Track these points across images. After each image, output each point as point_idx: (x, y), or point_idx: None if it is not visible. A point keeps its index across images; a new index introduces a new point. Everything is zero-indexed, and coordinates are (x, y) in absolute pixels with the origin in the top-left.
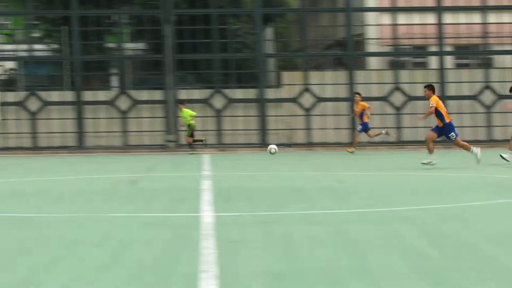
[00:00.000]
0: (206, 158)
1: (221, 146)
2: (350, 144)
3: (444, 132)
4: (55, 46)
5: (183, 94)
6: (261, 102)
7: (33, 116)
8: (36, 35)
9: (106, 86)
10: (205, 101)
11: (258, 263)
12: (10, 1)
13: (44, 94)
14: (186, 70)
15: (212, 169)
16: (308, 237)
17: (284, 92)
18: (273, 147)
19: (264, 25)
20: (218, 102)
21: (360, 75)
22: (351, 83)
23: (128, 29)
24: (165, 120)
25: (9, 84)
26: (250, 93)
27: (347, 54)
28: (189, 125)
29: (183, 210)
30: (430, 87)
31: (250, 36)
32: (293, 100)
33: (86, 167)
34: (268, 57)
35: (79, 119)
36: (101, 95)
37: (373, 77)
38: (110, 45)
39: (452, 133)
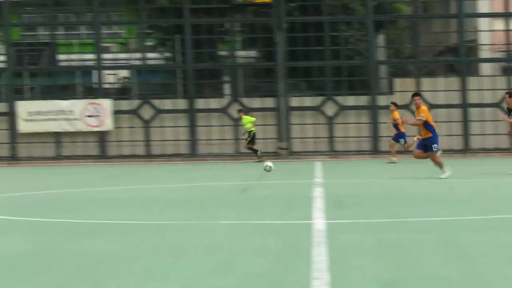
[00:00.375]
0: (317, 165)
1: (332, 153)
2: (462, 151)
3: (428, 142)
4: (168, 54)
5: (295, 102)
6: (373, 109)
7: (146, 124)
8: (149, 43)
9: (218, 94)
10: (316, 108)
11: (370, 270)
12: (124, 11)
13: (157, 102)
14: (298, 78)
15: (324, 176)
16: (419, 244)
17: (396, 99)
18: (269, 164)
19: (376, 31)
20: (329, 109)
21: (472, 82)
22: (463, 89)
23: (240, 37)
24: (277, 128)
25: (122, 92)
26: (362, 100)
27: (460, 60)
28: (249, 132)
29: (294, 217)
30: (420, 95)
31: (362, 43)
32: (405, 107)
33: (198, 174)
34: (380, 64)
35: (192, 127)
36: (214, 103)
37: (486, 83)
38: (223, 53)
39: (435, 145)
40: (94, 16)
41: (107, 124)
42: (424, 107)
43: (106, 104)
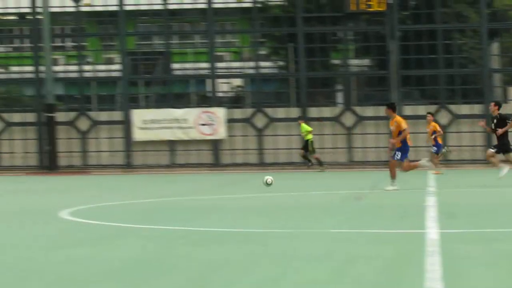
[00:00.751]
0: (430, 174)
1: (446, 162)
2: None
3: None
4: (281, 63)
5: (408, 110)
6: (487, 118)
7: (259, 132)
8: (262, 52)
9: (331, 102)
10: None
11: (484, 280)
12: (237, 20)
13: (270, 111)
14: (411, 86)
15: (437, 185)
16: None
17: (510, 108)
18: (269, 178)
19: (490, 39)
20: (443, 118)
21: None
22: None
23: (353, 45)
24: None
25: (236, 101)
26: (476, 108)
27: None
28: (306, 141)
29: (407, 226)
30: (390, 106)
31: (476, 51)
32: None
33: (311, 183)
34: (494, 72)
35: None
36: (326, 112)
37: None
38: (335, 61)
39: (398, 153)
40: (208, 25)
41: (221, 132)
42: (398, 118)
43: (220, 113)
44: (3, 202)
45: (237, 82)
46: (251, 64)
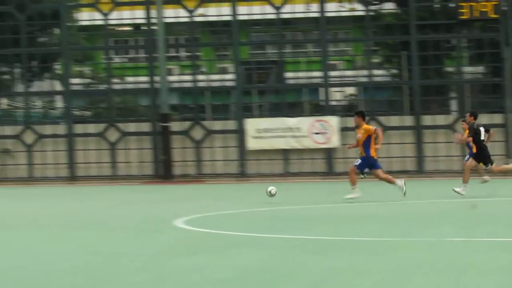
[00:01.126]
0: None
1: None
2: None
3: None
4: (394, 71)
5: None
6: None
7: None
8: (375, 60)
9: (445, 110)
10: None
11: None
12: (350, 28)
13: (383, 119)
14: None
15: None
16: None
17: None
18: (272, 188)
19: None
20: None
21: None
22: None
23: (466, 52)
24: (505, 144)
25: (349, 109)
26: None
27: None
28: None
29: None
30: (360, 114)
31: None
32: None
33: (424, 190)
34: None
35: (419, 144)
36: (440, 120)
37: None
38: (449, 69)
39: (359, 160)
40: (321, 34)
41: (334, 141)
42: (366, 126)
43: (333, 121)
44: (119, 212)
45: (350, 90)
46: (364, 72)
